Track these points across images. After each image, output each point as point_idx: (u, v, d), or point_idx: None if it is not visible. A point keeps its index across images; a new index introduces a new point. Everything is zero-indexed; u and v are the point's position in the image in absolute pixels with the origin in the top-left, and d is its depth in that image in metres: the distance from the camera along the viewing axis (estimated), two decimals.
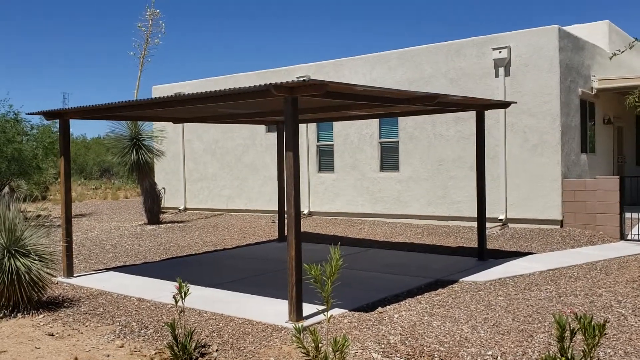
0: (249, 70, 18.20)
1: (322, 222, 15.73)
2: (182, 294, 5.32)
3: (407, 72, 15.05)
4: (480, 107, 9.68)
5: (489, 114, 13.28)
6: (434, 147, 14.81)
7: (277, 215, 13.85)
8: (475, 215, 9.95)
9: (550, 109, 13.18)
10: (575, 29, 16.30)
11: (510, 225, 13.72)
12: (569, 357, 3.43)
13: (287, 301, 6.60)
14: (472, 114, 13.64)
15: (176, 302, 5.35)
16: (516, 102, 10.62)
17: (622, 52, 8.69)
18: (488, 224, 13.02)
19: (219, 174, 19.12)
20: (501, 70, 13.68)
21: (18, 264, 7.06)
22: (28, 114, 9.56)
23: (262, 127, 17.88)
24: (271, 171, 17.48)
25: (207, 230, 14.92)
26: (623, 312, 6.56)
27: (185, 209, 19.99)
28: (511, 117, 13.66)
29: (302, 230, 8.70)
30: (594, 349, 3.32)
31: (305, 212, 16.92)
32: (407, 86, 14.74)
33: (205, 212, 19.39)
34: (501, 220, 13.75)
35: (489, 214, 13.09)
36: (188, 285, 5.40)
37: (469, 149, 14.15)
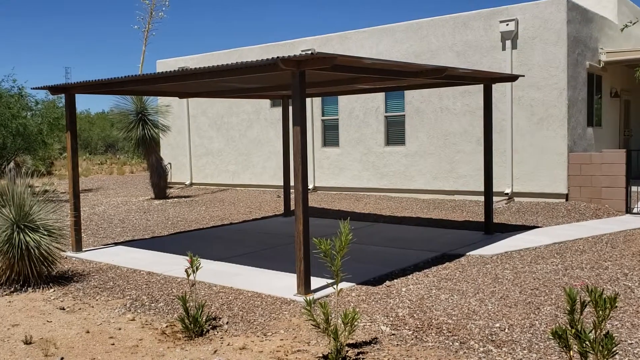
0: (254, 44, 18.07)
1: (327, 197, 15.76)
2: (194, 267, 5.36)
3: (414, 45, 14.91)
4: (488, 80, 9.61)
5: (495, 88, 13.20)
6: (441, 121, 14.74)
7: (282, 190, 13.85)
8: (482, 189, 9.95)
9: (557, 82, 13.07)
10: (583, 0, 16.09)
11: (516, 199, 13.73)
12: (579, 329, 3.45)
13: (295, 275, 6.65)
14: (479, 88, 13.56)
15: (188, 275, 5.40)
16: (524, 76, 10.54)
17: (634, 23, 8.57)
18: (494, 198, 13.02)
19: (224, 149, 19.12)
20: (508, 43, 13.54)
21: (27, 238, 7.11)
22: (33, 88, 9.51)
23: (266, 102, 17.81)
24: (275, 146, 17.47)
25: (214, 205, 14.98)
26: (630, 284, 6.59)
27: (192, 184, 20.04)
28: (518, 90, 13.56)
29: None
30: (604, 321, 3.34)
31: (310, 187, 16.95)
32: (413, 59, 14.63)
33: (211, 187, 19.44)
34: (507, 194, 13.75)
35: (495, 187, 13.08)
36: (199, 259, 5.44)
37: (475, 122, 14.09)
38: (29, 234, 7.18)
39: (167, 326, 5.58)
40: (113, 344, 5.16)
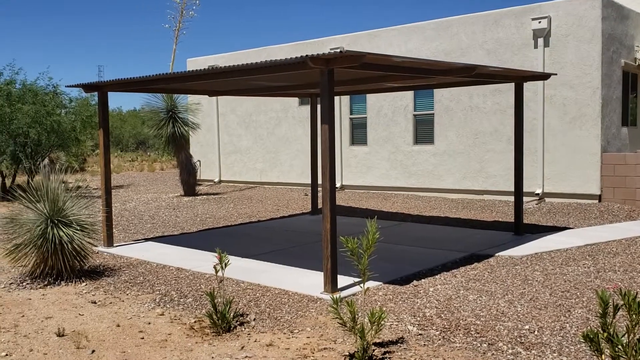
0: (283, 42, 18.13)
1: (355, 196, 15.74)
2: (223, 264, 5.41)
3: (443, 43, 14.79)
4: (519, 78, 9.47)
5: (526, 86, 13.01)
6: (471, 119, 14.59)
7: (309, 188, 13.87)
8: (512, 189, 9.82)
9: (590, 80, 12.83)
10: None
11: (547, 199, 13.52)
12: (611, 333, 3.38)
13: (321, 273, 6.66)
14: (510, 86, 13.39)
15: (216, 272, 5.45)
16: (556, 74, 10.35)
17: None
18: (524, 198, 12.85)
19: (252, 147, 19.24)
20: (540, 41, 13.34)
21: (61, 233, 7.26)
22: (67, 86, 9.73)
23: (294, 100, 17.86)
24: (303, 144, 17.50)
25: (242, 203, 15.08)
26: None
27: (220, 181, 20.22)
28: (550, 89, 13.35)
29: None
30: (637, 325, 3.27)
31: (338, 185, 16.94)
32: (442, 57, 14.50)
33: (239, 184, 19.58)
34: (538, 194, 13.55)
35: (525, 188, 12.88)
36: (227, 255, 5.49)
37: (506, 121, 13.92)
38: (63, 228, 7.32)
39: (195, 321, 5.64)
40: (142, 338, 5.24)
